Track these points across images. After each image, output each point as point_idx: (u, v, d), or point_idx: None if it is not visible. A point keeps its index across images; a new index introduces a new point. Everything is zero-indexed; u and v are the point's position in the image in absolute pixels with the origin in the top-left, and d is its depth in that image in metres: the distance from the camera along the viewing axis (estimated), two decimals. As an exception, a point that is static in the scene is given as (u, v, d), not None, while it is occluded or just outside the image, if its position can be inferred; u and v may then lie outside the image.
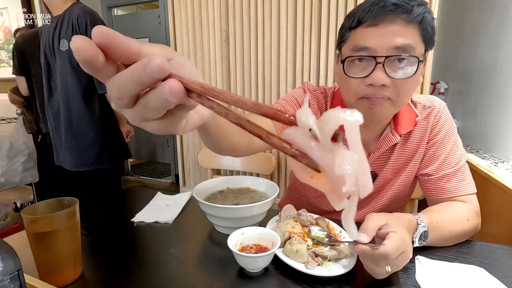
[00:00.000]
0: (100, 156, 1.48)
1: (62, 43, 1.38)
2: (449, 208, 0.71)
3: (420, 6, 0.61)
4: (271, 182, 0.84)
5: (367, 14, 0.61)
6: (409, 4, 0.60)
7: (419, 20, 0.61)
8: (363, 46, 0.62)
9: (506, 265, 0.61)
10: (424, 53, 0.64)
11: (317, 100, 0.84)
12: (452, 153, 0.75)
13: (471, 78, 1.62)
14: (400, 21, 0.60)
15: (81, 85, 1.42)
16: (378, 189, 0.83)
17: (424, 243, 0.62)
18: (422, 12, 0.60)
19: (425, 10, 0.61)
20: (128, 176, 3.94)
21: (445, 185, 0.74)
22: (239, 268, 0.59)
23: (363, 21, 0.62)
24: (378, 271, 0.52)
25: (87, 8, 1.40)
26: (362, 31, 0.63)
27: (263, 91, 1.81)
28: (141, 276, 0.58)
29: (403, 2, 0.60)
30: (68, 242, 0.56)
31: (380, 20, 0.60)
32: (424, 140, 0.77)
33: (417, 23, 0.61)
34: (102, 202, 0.95)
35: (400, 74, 0.62)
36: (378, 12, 0.60)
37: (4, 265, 0.38)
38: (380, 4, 0.60)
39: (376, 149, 0.78)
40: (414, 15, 0.60)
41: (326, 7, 1.60)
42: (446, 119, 0.77)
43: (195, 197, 0.72)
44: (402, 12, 0.60)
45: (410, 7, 0.60)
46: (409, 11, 0.60)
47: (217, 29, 1.85)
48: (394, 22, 0.60)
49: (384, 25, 0.61)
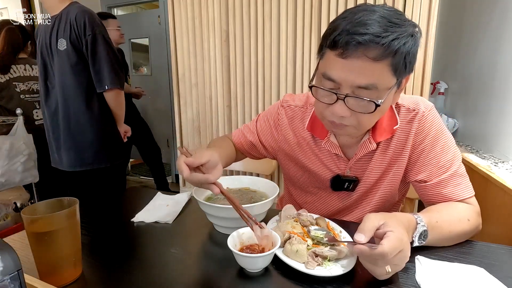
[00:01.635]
0: (98, 156, 1.48)
1: (60, 42, 1.38)
2: (450, 208, 0.71)
3: (395, 40, 0.57)
4: (271, 182, 0.84)
5: (338, 43, 0.58)
6: (383, 39, 0.56)
7: (392, 54, 0.57)
8: (330, 77, 0.62)
9: (506, 265, 0.61)
10: (396, 82, 0.62)
11: (292, 116, 0.87)
12: (444, 155, 0.73)
13: (471, 78, 1.62)
14: (367, 58, 0.57)
15: (80, 85, 1.41)
16: (364, 194, 0.83)
17: (424, 242, 0.62)
18: (395, 45, 0.57)
19: (402, 41, 0.57)
20: (128, 176, 3.94)
21: (442, 191, 0.73)
22: (239, 268, 0.59)
23: (335, 47, 0.60)
24: (378, 272, 0.52)
25: (85, 8, 1.40)
26: (333, 59, 0.61)
27: (263, 91, 1.81)
28: (141, 276, 0.58)
29: (375, 38, 0.56)
30: (68, 242, 0.56)
31: (348, 54, 0.58)
32: (408, 144, 0.75)
33: (389, 57, 0.58)
34: (102, 202, 0.95)
35: (360, 109, 0.63)
36: (347, 46, 0.57)
37: (4, 265, 0.38)
38: (351, 35, 0.57)
39: (355, 154, 0.79)
40: (385, 51, 0.57)
41: (326, 7, 1.60)
42: (433, 122, 0.74)
43: (195, 197, 0.72)
44: (372, 48, 0.57)
45: (381, 45, 0.56)
46: (380, 46, 0.56)
47: (217, 29, 1.85)
48: (361, 59, 0.58)
49: (351, 60, 0.58)
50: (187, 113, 2.05)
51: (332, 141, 0.79)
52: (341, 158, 0.80)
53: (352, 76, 0.60)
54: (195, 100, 2.01)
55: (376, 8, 0.59)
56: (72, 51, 1.37)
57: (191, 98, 2.02)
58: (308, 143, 0.84)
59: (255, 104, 1.85)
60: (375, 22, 0.57)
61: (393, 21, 0.57)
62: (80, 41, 1.37)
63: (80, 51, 1.39)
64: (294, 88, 1.74)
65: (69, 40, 1.36)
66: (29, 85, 1.96)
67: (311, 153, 0.84)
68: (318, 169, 0.84)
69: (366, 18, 0.57)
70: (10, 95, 1.89)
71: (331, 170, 0.83)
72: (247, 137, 0.93)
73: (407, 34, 0.58)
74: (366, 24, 0.57)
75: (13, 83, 1.90)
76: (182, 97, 2.05)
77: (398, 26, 0.57)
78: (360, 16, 0.58)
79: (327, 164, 0.83)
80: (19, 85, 1.93)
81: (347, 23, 0.58)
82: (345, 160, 0.80)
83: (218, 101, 1.93)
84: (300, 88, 1.72)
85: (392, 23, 0.57)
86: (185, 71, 2.00)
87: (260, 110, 1.82)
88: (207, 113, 1.99)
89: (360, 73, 0.59)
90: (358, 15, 0.58)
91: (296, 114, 0.87)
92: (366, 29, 0.56)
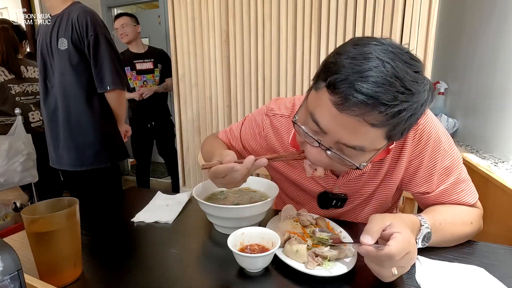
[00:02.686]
0: (98, 156, 1.48)
1: (60, 42, 1.38)
2: (454, 210, 0.70)
3: (402, 111, 0.48)
4: (271, 182, 0.84)
5: (339, 91, 0.49)
6: (389, 109, 0.47)
7: (392, 125, 0.50)
8: (318, 123, 0.54)
9: (506, 265, 0.61)
10: (386, 143, 0.56)
11: (277, 126, 0.80)
12: (444, 162, 0.70)
13: (471, 78, 1.62)
14: (364, 121, 0.49)
15: (81, 85, 1.41)
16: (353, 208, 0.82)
17: (427, 244, 0.62)
18: (400, 117, 0.49)
19: (408, 114, 0.49)
20: (128, 176, 3.94)
21: (445, 201, 0.71)
22: (239, 268, 0.59)
23: (333, 92, 0.50)
24: (384, 274, 0.52)
25: (87, 8, 1.40)
26: (327, 104, 0.51)
27: (263, 91, 1.81)
28: (141, 276, 0.58)
29: (380, 105, 0.47)
30: (68, 242, 0.56)
31: (345, 108, 0.49)
32: (403, 155, 0.70)
33: (388, 127, 0.50)
34: (102, 202, 0.95)
35: (340, 163, 0.57)
36: (346, 100, 0.48)
37: (4, 265, 0.38)
38: (355, 91, 0.47)
39: (346, 173, 0.74)
40: (386, 121, 0.49)
41: (326, 7, 1.59)
42: (430, 130, 0.68)
43: (195, 197, 0.72)
44: (374, 114, 0.48)
45: (385, 114, 0.48)
46: (384, 115, 0.48)
47: (217, 29, 1.85)
48: (357, 119, 0.49)
49: (347, 117, 0.50)
50: (187, 113, 2.05)
51: None
52: (329, 176, 0.76)
53: (341, 133, 0.53)
54: (195, 100, 2.01)
55: (390, 56, 0.48)
56: (73, 51, 1.37)
57: (191, 98, 2.02)
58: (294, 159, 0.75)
59: (255, 104, 1.85)
60: (386, 82, 0.47)
61: (406, 86, 0.47)
62: (82, 42, 1.37)
63: (81, 51, 1.39)
64: (294, 88, 1.74)
65: (71, 40, 1.36)
66: (24, 87, 1.95)
67: (297, 167, 0.80)
68: (305, 183, 0.80)
69: (376, 74, 0.47)
70: (5, 97, 1.88)
71: (319, 185, 0.79)
72: (232, 142, 0.91)
73: (418, 105, 0.50)
74: (376, 82, 0.47)
75: (8, 85, 1.89)
76: (182, 97, 2.05)
77: (410, 95, 0.48)
78: (369, 66, 0.47)
79: (314, 181, 0.79)
80: (14, 87, 1.91)
81: (352, 70, 0.48)
82: (333, 178, 0.76)
83: (218, 101, 1.93)
84: (300, 88, 1.72)
85: (405, 89, 0.48)
86: (185, 71, 2.00)
87: (260, 110, 1.82)
88: (207, 113, 1.99)
89: (352, 133, 0.52)
90: (366, 64, 0.48)
91: (282, 124, 0.80)
92: (375, 91, 0.46)
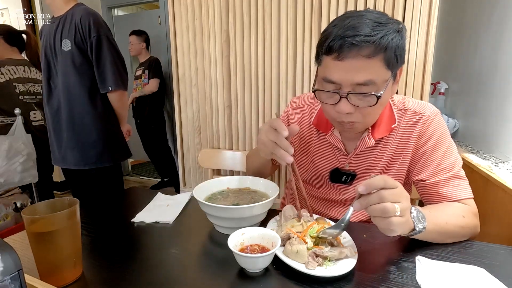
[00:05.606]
0: (101, 155, 1.49)
1: (64, 43, 1.39)
2: (442, 206, 0.74)
3: (384, 37, 0.63)
4: (271, 182, 0.84)
5: (333, 47, 0.64)
6: (373, 38, 0.62)
7: (383, 50, 0.63)
8: (330, 80, 0.68)
9: (506, 266, 0.61)
10: (391, 74, 0.68)
11: (301, 115, 0.95)
12: (445, 158, 0.76)
13: (471, 78, 1.62)
14: (361, 57, 0.63)
15: (84, 85, 1.42)
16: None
17: (424, 225, 0.62)
18: (384, 41, 0.63)
19: (390, 37, 0.63)
20: (129, 176, 3.94)
21: (440, 190, 0.76)
22: (240, 269, 0.59)
23: (331, 51, 0.65)
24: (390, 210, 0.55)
25: (90, 10, 1.41)
26: (330, 63, 0.67)
27: (263, 91, 1.81)
28: (141, 276, 0.58)
29: (366, 37, 0.62)
30: (68, 242, 0.56)
31: (343, 56, 0.64)
32: (409, 145, 0.80)
33: (380, 53, 0.64)
34: (102, 202, 0.95)
35: (363, 103, 0.68)
36: (341, 49, 0.64)
37: (4, 265, 0.38)
38: (344, 38, 0.63)
39: (355, 149, 0.83)
40: (376, 48, 0.63)
41: (326, 7, 1.59)
42: (438, 126, 0.78)
43: (195, 197, 0.72)
44: (364, 47, 0.63)
45: (372, 43, 0.62)
46: (371, 44, 0.62)
47: (217, 29, 1.84)
48: (356, 58, 0.64)
49: (348, 61, 0.64)
50: (187, 113, 2.05)
51: (335, 135, 0.85)
52: (342, 151, 0.85)
53: (350, 75, 0.65)
54: (195, 100, 2.01)
55: (362, 12, 0.66)
56: (77, 52, 1.38)
57: (191, 98, 2.02)
58: (313, 138, 0.91)
59: (255, 104, 1.85)
60: (364, 24, 0.63)
61: (379, 22, 0.64)
62: (85, 43, 1.38)
63: (84, 52, 1.40)
64: (294, 88, 1.74)
65: (74, 41, 1.37)
66: (27, 86, 1.97)
67: (314, 146, 0.91)
68: (319, 161, 0.90)
69: (355, 22, 0.64)
70: (9, 96, 1.89)
71: (331, 163, 0.88)
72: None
73: (393, 30, 0.65)
74: (356, 27, 0.63)
75: (13, 84, 1.90)
76: (182, 97, 2.05)
77: (384, 25, 0.64)
78: (349, 21, 0.64)
79: (328, 158, 0.88)
80: (19, 86, 1.93)
81: (339, 29, 0.65)
82: (345, 154, 0.85)
83: (218, 101, 1.93)
84: (300, 88, 1.72)
85: (379, 23, 0.64)
86: (185, 71, 2.00)
87: (260, 110, 1.82)
88: (207, 113, 1.99)
89: (357, 71, 0.65)
90: (347, 21, 0.64)
91: (304, 112, 0.94)
92: (357, 31, 0.62)
